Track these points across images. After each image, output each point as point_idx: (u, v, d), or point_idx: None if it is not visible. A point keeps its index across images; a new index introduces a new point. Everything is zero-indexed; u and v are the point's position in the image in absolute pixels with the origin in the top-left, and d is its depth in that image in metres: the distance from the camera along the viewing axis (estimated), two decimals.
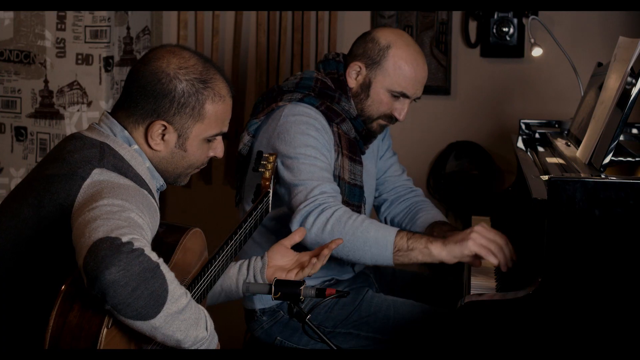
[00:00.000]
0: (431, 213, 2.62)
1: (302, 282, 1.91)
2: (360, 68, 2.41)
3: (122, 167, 1.69)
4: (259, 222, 2.10)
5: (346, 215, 2.16)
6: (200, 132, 1.79)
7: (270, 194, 2.15)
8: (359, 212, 2.42)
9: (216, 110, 1.80)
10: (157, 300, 1.43)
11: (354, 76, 2.42)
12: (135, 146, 1.76)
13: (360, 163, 2.44)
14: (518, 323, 1.88)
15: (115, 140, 1.74)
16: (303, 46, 3.59)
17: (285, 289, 1.90)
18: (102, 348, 1.44)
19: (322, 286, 2.39)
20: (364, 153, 2.50)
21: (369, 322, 2.40)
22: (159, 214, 1.68)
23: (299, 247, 2.18)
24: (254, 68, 3.66)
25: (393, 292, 2.56)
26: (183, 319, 1.48)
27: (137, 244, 1.42)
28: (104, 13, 3.33)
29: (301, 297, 1.90)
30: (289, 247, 2.09)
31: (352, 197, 2.40)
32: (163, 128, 1.76)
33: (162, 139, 1.77)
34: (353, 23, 3.58)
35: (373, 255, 2.15)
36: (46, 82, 3.39)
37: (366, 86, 2.41)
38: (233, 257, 1.96)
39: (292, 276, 2.03)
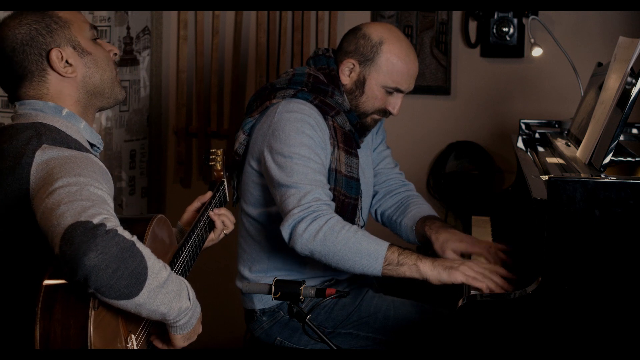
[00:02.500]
0: (422, 207, 2.62)
1: (302, 282, 1.91)
2: (353, 65, 2.41)
3: (61, 139, 1.68)
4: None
5: (339, 224, 2.17)
6: (80, 33, 1.81)
7: (225, 183, 2.27)
8: (356, 205, 2.42)
9: (70, 15, 1.82)
10: (139, 277, 1.44)
11: (347, 73, 2.42)
12: (65, 110, 1.77)
13: (356, 156, 2.44)
14: (518, 323, 1.88)
15: (45, 116, 1.74)
16: (303, 46, 3.59)
17: (285, 289, 1.91)
18: (93, 330, 1.45)
19: (322, 286, 2.39)
20: (359, 147, 2.51)
21: (369, 322, 2.40)
22: (109, 172, 1.68)
23: (292, 252, 2.20)
24: (254, 68, 3.66)
25: (393, 292, 2.56)
26: (166, 292, 1.50)
27: (109, 225, 1.42)
28: (104, 13, 3.33)
29: (301, 297, 1.90)
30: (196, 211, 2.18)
31: (350, 189, 2.40)
32: (59, 53, 1.77)
33: (69, 63, 1.78)
34: (353, 23, 3.54)
35: (363, 266, 2.17)
36: None
37: (361, 83, 2.42)
38: (201, 244, 2.05)
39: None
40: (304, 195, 2.20)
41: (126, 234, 1.45)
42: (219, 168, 2.28)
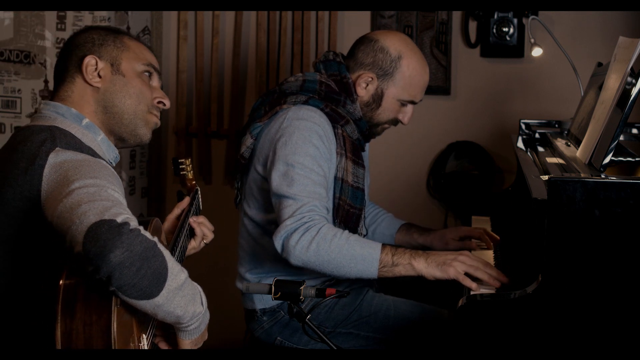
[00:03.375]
0: (390, 216, 2.74)
1: (302, 282, 1.91)
2: (371, 79, 2.42)
3: (75, 144, 1.70)
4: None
5: (330, 232, 2.17)
6: (130, 60, 1.86)
7: (199, 191, 2.30)
8: (360, 215, 2.42)
9: (134, 45, 1.89)
10: (159, 278, 1.45)
11: (363, 86, 2.43)
12: (86, 120, 1.80)
13: (363, 166, 2.45)
14: (518, 323, 1.88)
15: (63, 121, 1.77)
16: (303, 46, 3.59)
17: (285, 289, 1.91)
18: (116, 328, 1.46)
19: (322, 286, 2.39)
20: (364, 150, 2.52)
21: (369, 321, 2.40)
22: (121, 180, 1.70)
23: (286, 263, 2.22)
24: (254, 68, 3.66)
25: (393, 291, 2.56)
26: (182, 295, 1.51)
27: (132, 224, 1.44)
28: (104, 13, 3.33)
29: (301, 297, 1.90)
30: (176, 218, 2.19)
31: (355, 200, 2.40)
32: (94, 62, 1.82)
33: (99, 75, 1.83)
34: (353, 23, 3.58)
35: (359, 271, 2.18)
36: (46, 82, 3.39)
37: (378, 97, 2.43)
38: (185, 252, 2.06)
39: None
40: (299, 207, 2.20)
41: (148, 234, 1.46)
42: (191, 177, 2.30)
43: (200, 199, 2.31)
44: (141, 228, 1.46)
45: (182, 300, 1.51)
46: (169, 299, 1.48)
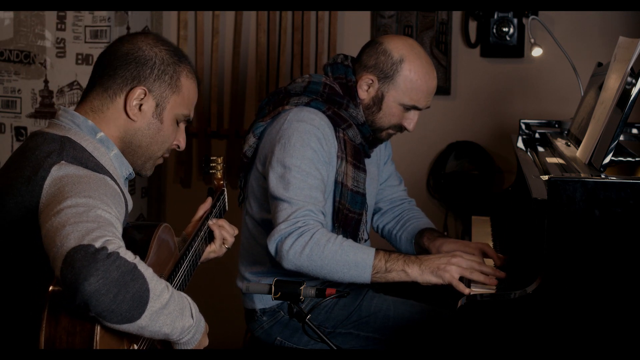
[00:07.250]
0: (421, 221, 2.67)
1: (302, 282, 1.91)
2: (372, 81, 2.40)
3: (82, 158, 1.67)
4: (219, 218, 2.18)
5: (324, 238, 2.17)
6: (175, 105, 1.81)
7: (225, 192, 2.25)
8: (360, 219, 2.42)
9: (189, 86, 1.85)
10: (140, 301, 1.43)
11: (365, 88, 2.41)
12: (100, 134, 1.75)
13: (364, 170, 2.43)
14: (518, 323, 1.88)
15: (77, 133, 1.72)
16: (303, 46, 3.59)
17: (285, 289, 1.91)
18: (99, 340, 1.45)
19: (322, 286, 2.38)
20: (369, 157, 2.50)
21: (369, 322, 2.40)
22: (123, 199, 1.67)
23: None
24: (254, 68, 3.66)
25: (393, 291, 2.56)
26: (168, 313, 1.49)
27: (111, 247, 1.41)
28: (104, 13, 3.33)
29: (301, 297, 1.90)
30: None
31: (354, 204, 2.39)
32: (143, 94, 1.76)
33: (140, 109, 1.77)
34: (353, 23, 3.58)
35: (352, 277, 2.19)
36: (46, 82, 3.39)
37: (379, 99, 2.41)
38: (200, 254, 2.02)
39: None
40: (294, 210, 2.20)
41: (128, 256, 1.43)
42: (219, 177, 2.25)
43: (226, 200, 2.27)
44: (121, 250, 1.42)
45: (168, 318, 1.49)
46: (153, 320, 1.46)
